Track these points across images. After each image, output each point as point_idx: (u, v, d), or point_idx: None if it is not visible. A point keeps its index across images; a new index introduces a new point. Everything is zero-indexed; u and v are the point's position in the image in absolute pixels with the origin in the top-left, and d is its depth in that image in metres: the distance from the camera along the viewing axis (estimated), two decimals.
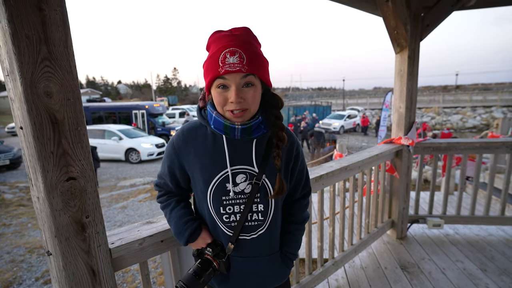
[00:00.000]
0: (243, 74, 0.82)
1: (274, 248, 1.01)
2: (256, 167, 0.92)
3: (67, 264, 0.85)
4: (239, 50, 0.81)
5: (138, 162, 11.67)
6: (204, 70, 0.88)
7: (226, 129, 0.88)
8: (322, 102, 30.11)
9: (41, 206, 0.82)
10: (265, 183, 0.93)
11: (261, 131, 0.91)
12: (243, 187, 0.92)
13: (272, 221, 0.97)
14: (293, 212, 1.07)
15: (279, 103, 0.94)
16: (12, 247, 4.68)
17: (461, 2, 2.32)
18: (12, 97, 0.76)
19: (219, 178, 0.91)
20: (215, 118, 0.89)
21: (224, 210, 0.93)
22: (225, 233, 0.95)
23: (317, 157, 9.57)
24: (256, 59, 0.83)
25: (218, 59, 0.81)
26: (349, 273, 2.37)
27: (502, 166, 4.21)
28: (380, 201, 2.70)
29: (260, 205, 0.94)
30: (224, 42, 0.82)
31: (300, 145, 1.04)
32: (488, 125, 21.64)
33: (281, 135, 0.92)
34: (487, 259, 2.49)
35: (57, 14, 0.75)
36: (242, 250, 0.96)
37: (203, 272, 0.91)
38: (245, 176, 0.92)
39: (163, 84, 74.23)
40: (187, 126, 0.98)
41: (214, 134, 0.93)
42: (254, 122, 0.89)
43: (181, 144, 0.95)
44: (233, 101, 0.83)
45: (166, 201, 1.03)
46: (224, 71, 0.81)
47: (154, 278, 3.64)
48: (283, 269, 1.04)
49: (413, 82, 2.60)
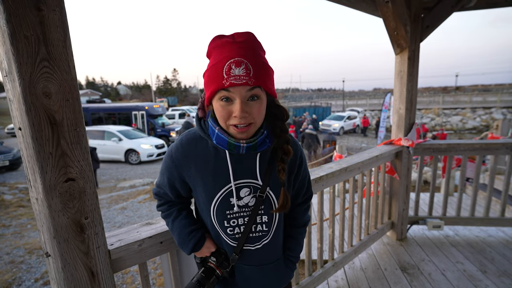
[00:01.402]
0: (249, 87, 0.77)
1: (278, 254, 1.01)
2: (260, 180, 0.90)
3: (66, 266, 0.85)
4: (245, 60, 0.75)
5: (137, 163, 11.67)
6: (205, 80, 0.82)
7: (230, 146, 0.84)
8: (321, 103, 30.14)
9: (40, 207, 0.81)
10: (269, 195, 0.91)
11: (266, 145, 0.87)
12: (247, 201, 0.90)
13: (276, 231, 0.96)
14: (295, 216, 1.06)
15: (284, 115, 0.90)
16: (12, 248, 4.67)
17: (461, 3, 2.33)
18: (11, 97, 0.76)
19: (223, 193, 0.89)
20: (217, 134, 0.84)
21: (228, 224, 0.92)
22: (229, 244, 0.94)
23: (314, 159, 9.57)
24: (262, 70, 0.78)
25: (222, 70, 0.75)
26: (349, 275, 2.36)
27: (502, 167, 4.21)
28: (380, 203, 2.70)
29: (264, 216, 0.93)
30: (228, 51, 0.76)
31: (303, 153, 1.02)
32: (488, 126, 21.64)
33: (287, 148, 0.89)
34: (487, 261, 2.48)
35: (56, 14, 0.74)
36: (247, 259, 0.95)
37: (206, 281, 0.91)
38: (249, 189, 0.90)
39: (163, 85, 74.24)
40: (186, 138, 0.92)
41: (216, 148, 0.89)
42: (259, 138, 0.85)
43: (180, 157, 0.90)
44: (237, 116, 0.78)
45: (167, 211, 1.00)
46: (229, 84, 0.75)
47: (153, 279, 3.62)
48: (287, 273, 1.04)
49: (413, 83, 2.60)
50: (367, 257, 2.60)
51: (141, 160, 11.62)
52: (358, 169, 2.24)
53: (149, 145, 11.92)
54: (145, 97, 55.73)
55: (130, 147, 11.73)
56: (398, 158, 2.71)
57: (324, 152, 9.82)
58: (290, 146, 0.91)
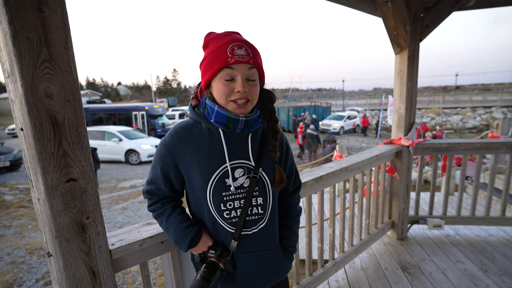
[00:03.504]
0: (250, 65, 0.87)
1: (274, 242, 1.03)
2: (253, 161, 0.95)
3: (67, 265, 0.85)
4: (245, 45, 0.87)
5: (138, 163, 11.68)
6: (206, 64, 0.90)
7: (229, 121, 0.90)
8: (321, 103, 30.09)
9: (41, 208, 0.82)
10: (262, 176, 0.96)
11: (258, 125, 0.95)
12: (242, 181, 0.94)
13: (271, 214, 0.99)
14: (288, 206, 1.11)
15: (273, 98, 0.99)
16: (13, 249, 4.68)
17: (461, 3, 2.33)
18: (13, 98, 0.76)
19: (218, 174, 0.92)
20: (217, 111, 0.90)
21: (225, 207, 0.93)
22: (227, 230, 0.95)
23: (314, 159, 9.56)
24: (257, 55, 0.91)
25: (226, 51, 0.85)
26: (349, 274, 2.36)
27: (503, 166, 4.21)
28: (380, 202, 2.70)
29: (259, 198, 0.96)
30: (229, 37, 0.87)
31: (287, 139, 1.10)
32: (488, 125, 21.63)
33: (276, 128, 0.98)
34: (488, 260, 2.48)
35: (58, 15, 0.75)
36: (244, 246, 0.96)
37: (211, 275, 0.90)
38: (243, 170, 0.94)
39: (163, 85, 74.23)
40: (180, 125, 0.97)
41: (210, 130, 0.94)
42: (255, 115, 0.93)
43: (175, 143, 0.93)
44: (240, 91, 0.87)
45: (160, 209, 0.99)
46: (234, 61, 0.85)
47: (154, 279, 3.63)
48: (284, 263, 1.06)
49: (413, 82, 2.60)
50: (368, 256, 2.60)
51: (142, 160, 11.63)
52: (358, 168, 2.24)
53: (149, 145, 11.93)
54: (145, 97, 55.72)
55: (130, 148, 11.75)
56: (399, 158, 2.72)
57: (324, 151, 9.81)
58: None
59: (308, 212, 1.92)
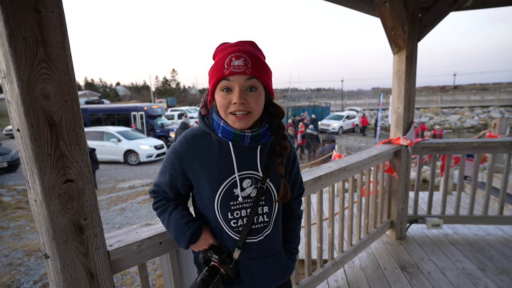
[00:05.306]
0: (247, 76, 0.85)
1: (279, 246, 1.04)
2: (261, 172, 0.95)
3: (65, 267, 0.85)
4: (244, 55, 0.85)
5: (137, 164, 11.65)
6: (209, 76, 0.91)
7: (235, 137, 0.90)
8: (321, 103, 30.15)
9: (38, 209, 0.81)
10: (269, 186, 0.97)
11: (266, 138, 0.95)
12: (249, 192, 0.95)
13: (276, 221, 1.01)
14: (291, 210, 1.13)
15: (281, 113, 0.98)
16: (10, 250, 4.66)
17: (458, 3, 2.33)
18: (9, 99, 0.76)
19: (227, 184, 0.93)
20: (223, 127, 0.90)
21: (232, 215, 0.94)
22: (232, 238, 0.96)
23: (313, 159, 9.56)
24: (260, 64, 0.87)
25: (223, 63, 0.85)
26: (348, 274, 2.36)
27: (500, 165, 4.22)
28: (379, 202, 2.70)
29: (265, 207, 0.97)
30: (231, 49, 0.87)
31: (295, 149, 1.11)
32: (486, 125, 21.73)
33: (284, 144, 0.97)
34: (486, 259, 2.49)
35: (54, 15, 0.74)
36: (250, 252, 0.97)
37: (210, 280, 0.91)
38: (251, 180, 0.95)
39: (162, 85, 74.04)
40: (191, 134, 0.97)
41: (220, 141, 0.94)
42: (262, 129, 0.93)
43: (185, 152, 0.94)
44: (236, 102, 0.85)
45: (163, 206, 1.01)
46: (228, 72, 0.84)
47: (153, 280, 3.62)
48: (288, 265, 1.07)
49: (411, 82, 2.61)
50: (367, 256, 2.60)
51: (140, 160, 11.60)
52: (357, 168, 2.24)
53: (148, 146, 11.91)
54: (144, 97, 55.61)
55: (129, 148, 11.71)
56: (397, 157, 2.72)
57: (323, 150, 9.80)
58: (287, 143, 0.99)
59: (307, 212, 1.92)
